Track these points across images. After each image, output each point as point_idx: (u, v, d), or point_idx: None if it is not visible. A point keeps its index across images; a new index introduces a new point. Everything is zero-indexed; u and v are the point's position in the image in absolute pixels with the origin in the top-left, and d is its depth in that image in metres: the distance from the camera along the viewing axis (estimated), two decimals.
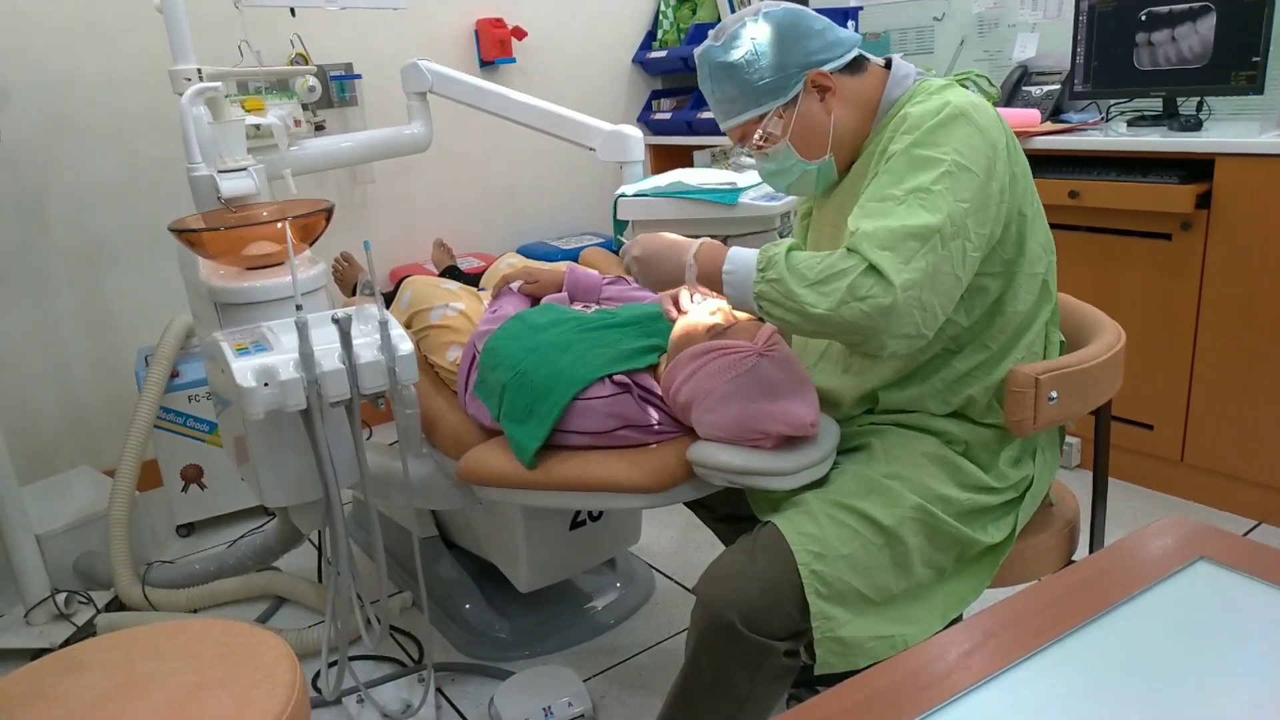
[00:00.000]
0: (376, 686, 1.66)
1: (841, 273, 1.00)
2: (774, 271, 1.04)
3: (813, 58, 1.16)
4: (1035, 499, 1.23)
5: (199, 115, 1.66)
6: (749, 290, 1.07)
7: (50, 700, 0.99)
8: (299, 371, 1.23)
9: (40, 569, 1.88)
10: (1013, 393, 1.13)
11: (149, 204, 2.49)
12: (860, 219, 1.04)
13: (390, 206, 3.02)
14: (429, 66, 2.14)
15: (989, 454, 1.20)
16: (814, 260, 1.03)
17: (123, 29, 2.41)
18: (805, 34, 1.16)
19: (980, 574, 1.18)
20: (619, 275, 1.70)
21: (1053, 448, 1.27)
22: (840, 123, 1.18)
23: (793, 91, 1.17)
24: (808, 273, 1.02)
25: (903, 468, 1.16)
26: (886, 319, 0.99)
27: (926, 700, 0.63)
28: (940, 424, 1.20)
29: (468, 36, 3.06)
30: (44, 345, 2.46)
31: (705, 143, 3.15)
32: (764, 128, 1.19)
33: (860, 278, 0.99)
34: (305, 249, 1.60)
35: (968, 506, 1.16)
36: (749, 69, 1.16)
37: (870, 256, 0.99)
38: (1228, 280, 1.98)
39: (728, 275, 1.09)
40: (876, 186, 1.07)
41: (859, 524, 1.11)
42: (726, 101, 1.20)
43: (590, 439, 1.32)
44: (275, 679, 1.00)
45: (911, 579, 1.12)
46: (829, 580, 1.07)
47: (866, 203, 1.06)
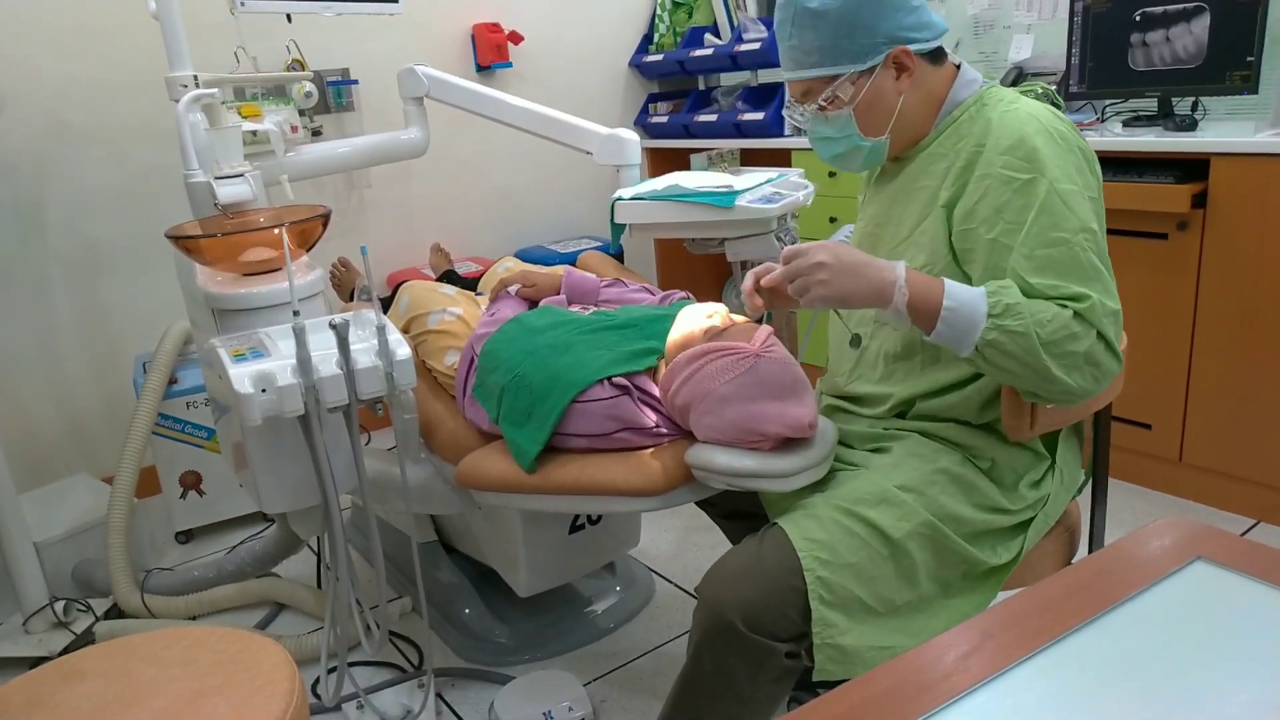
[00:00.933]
0: (376, 692, 1.66)
1: (1075, 337, 1.00)
2: (1017, 323, 0.99)
3: (903, 32, 1.13)
4: (1049, 519, 1.21)
5: (195, 122, 1.66)
6: (970, 332, 1.02)
7: (48, 709, 0.99)
8: (297, 377, 1.23)
9: (39, 577, 1.88)
10: (1009, 396, 1.13)
11: (146, 210, 2.49)
12: (1054, 274, 1.03)
13: (388, 211, 3.02)
14: (426, 72, 2.14)
15: (1013, 475, 1.18)
16: (1044, 316, 1.00)
17: (119, 36, 2.41)
18: (902, 5, 1.13)
19: (985, 591, 1.16)
20: (616, 278, 1.70)
21: (1072, 467, 1.25)
22: (907, 108, 1.17)
23: (874, 60, 1.13)
24: (1039, 330, 1.00)
25: (918, 482, 1.14)
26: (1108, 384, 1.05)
27: (926, 702, 0.63)
28: (968, 437, 1.18)
29: (464, 41, 3.07)
30: (41, 352, 2.46)
31: (702, 146, 3.15)
32: (834, 89, 1.15)
33: (1095, 345, 1.02)
34: (302, 255, 1.60)
35: (981, 528, 1.14)
36: (840, 23, 1.12)
37: (1098, 327, 1.02)
38: (1224, 279, 1.99)
39: (947, 312, 1.02)
40: (1038, 230, 1.04)
41: (867, 533, 1.10)
42: (803, 51, 1.15)
43: (589, 442, 1.32)
44: (274, 686, 1.00)
45: (915, 591, 1.11)
46: (833, 587, 1.06)
47: (1036, 251, 1.04)
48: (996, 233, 1.07)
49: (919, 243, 1.17)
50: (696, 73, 3.39)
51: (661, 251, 3.46)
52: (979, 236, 1.09)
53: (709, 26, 3.25)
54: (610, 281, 1.66)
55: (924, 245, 1.16)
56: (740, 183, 1.75)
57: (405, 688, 1.68)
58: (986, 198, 1.08)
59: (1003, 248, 1.06)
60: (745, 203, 1.66)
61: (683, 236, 1.86)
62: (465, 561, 1.90)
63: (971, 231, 1.10)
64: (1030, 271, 1.04)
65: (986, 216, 1.08)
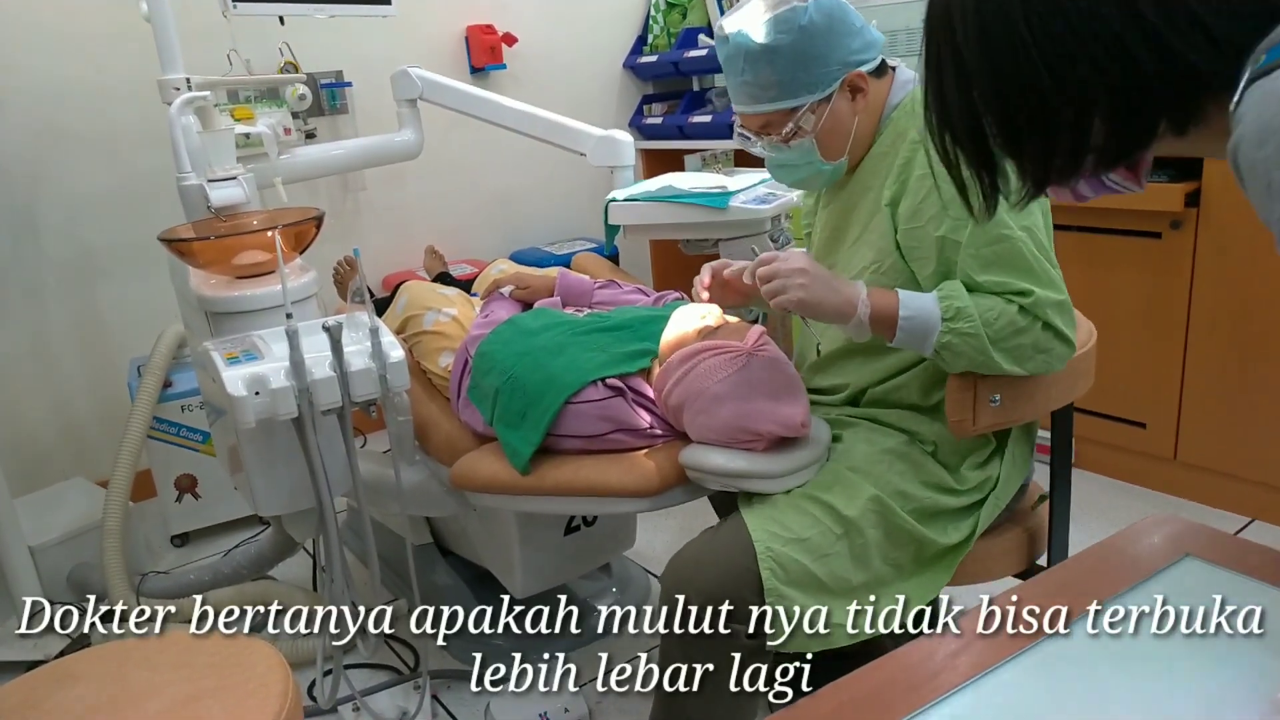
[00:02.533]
0: (372, 695, 1.66)
1: (1021, 330, 1.08)
2: (968, 325, 1.07)
3: (853, 56, 1.15)
4: (999, 502, 1.23)
5: (188, 124, 1.67)
6: (927, 337, 1.10)
7: (42, 712, 0.99)
8: (290, 380, 1.23)
9: (34, 581, 1.88)
10: (952, 393, 1.15)
11: (139, 214, 2.49)
12: (999, 271, 1.08)
13: (382, 214, 3.02)
14: (419, 74, 2.14)
15: (956, 456, 1.22)
16: (991, 315, 1.07)
17: (111, 39, 2.41)
18: (849, 30, 1.15)
19: (938, 574, 1.19)
20: (610, 279, 1.70)
21: (1023, 450, 1.28)
22: (859, 125, 1.19)
23: (831, 87, 1.15)
24: (987, 329, 1.07)
25: (866, 462, 1.18)
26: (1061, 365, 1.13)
27: (915, 700, 0.63)
28: (913, 422, 1.23)
29: (458, 43, 3.06)
30: (35, 356, 2.45)
31: (696, 147, 3.15)
32: (796, 121, 1.17)
33: (1042, 335, 1.08)
34: (295, 257, 1.60)
35: (928, 505, 1.18)
36: (794, 57, 1.13)
37: (1043, 318, 1.08)
38: (1218, 278, 1.99)
39: (904, 321, 1.10)
40: (982, 230, 1.08)
41: (820, 512, 1.14)
42: (759, 87, 1.16)
43: (583, 443, 1.32)
44: (268, 688, 1.00)
45: (869, 572, 1.14)
46: (784, 563, 1.09)
47: (982, 249, 1.08)
48: (945, 229, 1.11)
49: (868, 240, 1.21)
50: (691, 74, 3.39)
51: (656, 253, 3.46)
52: (927, 234, 1.12)
53: (703, 27, 3.25)
54: (604, 283, 1.66)
55: (872, 243, 1.20)
56: (734, 184, 1.75)
57: (401, 690, 1.68)
58: (931, 196, 1.11)
59: (952, 244, 1.11)
60: (739, 203, 1.66)
61: (677, 238, 1.86)
62: (461, 563, 1.89)
63: (919, 230, 1.13)
64: (977, 269, 1.09)
65: (933, 214, 1.12)
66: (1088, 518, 2.05)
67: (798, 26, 1.12)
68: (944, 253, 1.12)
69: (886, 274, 1.18)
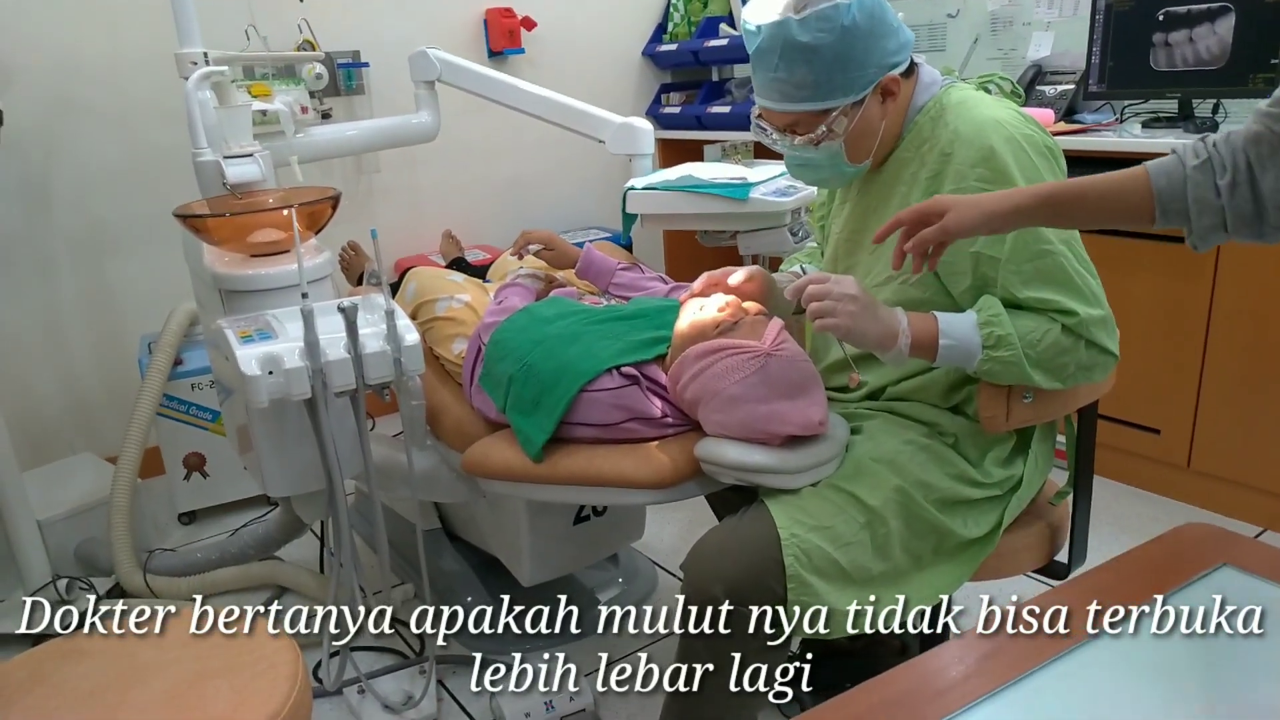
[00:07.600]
0: (378, 677, 1.65)
1: (1065, 351, 1.07)
2: (1009, 354, 1.06)
3: (889, 58, 1.12)
4: (1022, 500, 1.23)
5: (205, 100, 1.65)
6: (969, 360, 1.09)
7: (49, 686, 0.98)
8: (304, 360, 1.22)
9: (41, 555, 1.88)
10: (985, 390, 1.15)
11: (153, 189, 2.48)
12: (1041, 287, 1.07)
13: (396, 197, 3.01)
14: (437, 55, 2.12)
15: (977, 450, 1.21)
16: (1034, 337, 1.07)
17: (128, 11, 2.39)
18: (888, 31, 1.11)
19: (960, 568, 1.18)
20: (634, 264, 1.68)
21: (1046, 449, 1.27)
22: (885, 127, 1.16)
23: (866, 90, 1.12)
24: (1030, 351, 1.07)
25: (889, 453, 1.18)
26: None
27: (942, 707, 0.62)
28: (933, 415, 1.22)
29: (476, 26, 3.04)
30: (46, 331, 2.45)
31: (715, 137, 3.13)
32: (829, 124, 1.13)
33: (1086, 354, 1.08)
34: (311, 237, 1.58)
35: (949, 496, 1.17)
36: (835, 58, 1.08)
37: (1087, 336, 1.08)
38: (1240, 286, 1.96)
39: (944, 350, 1.08)
40: (1021, 244, 1.07)
41: (844, 502, 1.13)
42: (793, 85, 1.11)
43: (597, 431, 1.31)
44: (276, 670, 0.99)
45: (889, 563, 1.13)
46: (808, 550, 1.08)
47: (1023, 265, 1.07)
48: (980, 244, 1.09)
49: (894, 249, 1.17)
50: (710, 63, 3.36)
51: (670, 244, 3.44)
52: (961, 250, 1.10)
53: (724, 16, 3.22)
54: (627, 265, 1.64)
55: None
56: (755, 175, 1.73)
57: (407, 674, 1.67)
58: None
59: (988, 259, 1.09)
60: (759, 195, 1.64)
61: (695, 228, 1.84)
62: (469, 550, 1.89)
63: (951, 245, 1.10)
64: (1019, 286, 1.08)
65: None
66: (1099, 523, 2.03)
67: (840, 26, 1.07)
68: (979, 268, 1.10)
69: (916, 284, 1.15)
